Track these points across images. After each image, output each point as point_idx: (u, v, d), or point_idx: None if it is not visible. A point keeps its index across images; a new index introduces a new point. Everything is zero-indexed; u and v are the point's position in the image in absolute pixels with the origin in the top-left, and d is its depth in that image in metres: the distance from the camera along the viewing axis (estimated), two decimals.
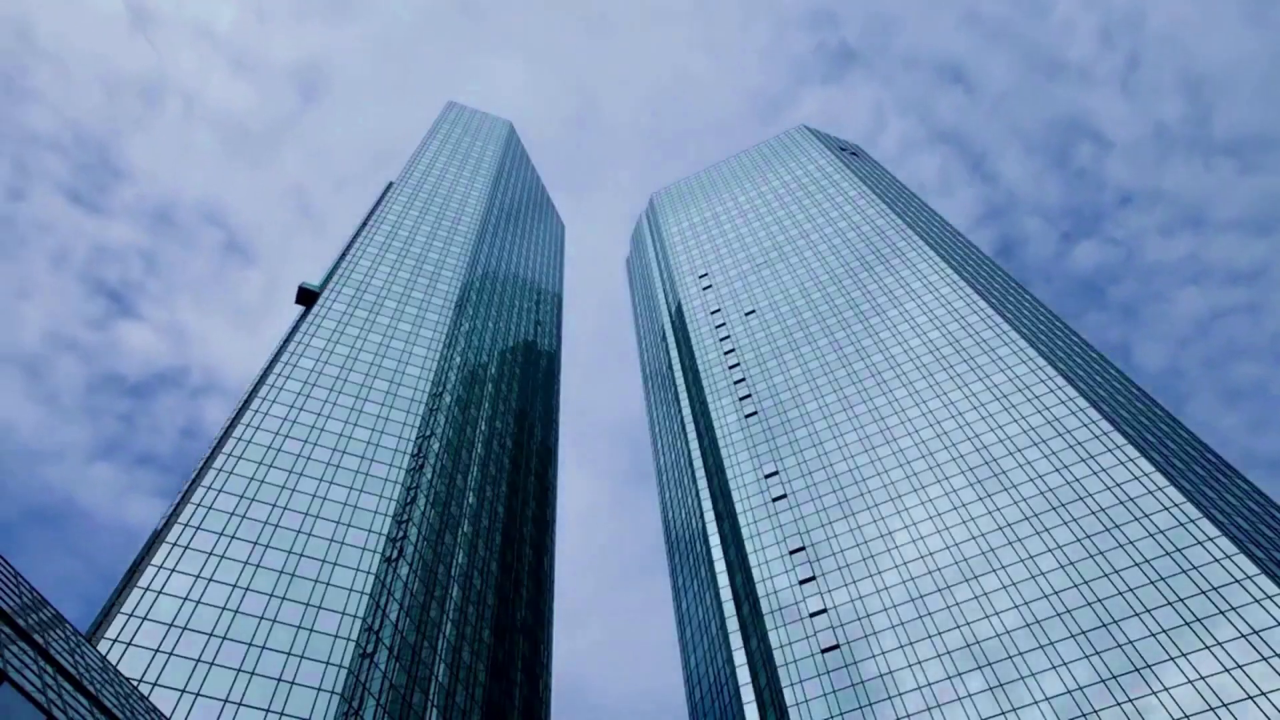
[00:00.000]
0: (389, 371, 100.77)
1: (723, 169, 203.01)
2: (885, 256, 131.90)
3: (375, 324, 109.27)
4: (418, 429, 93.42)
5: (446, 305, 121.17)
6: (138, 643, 59.81)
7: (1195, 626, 64.81)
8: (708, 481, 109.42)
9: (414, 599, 77.68)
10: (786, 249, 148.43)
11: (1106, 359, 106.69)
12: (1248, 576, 66.12)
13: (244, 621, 64.75)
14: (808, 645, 78.59)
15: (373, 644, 68.26)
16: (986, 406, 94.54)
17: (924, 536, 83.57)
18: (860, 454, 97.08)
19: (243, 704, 58.85)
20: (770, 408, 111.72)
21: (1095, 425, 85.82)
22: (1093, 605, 69.91)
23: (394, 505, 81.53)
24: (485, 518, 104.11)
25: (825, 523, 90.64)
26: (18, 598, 31.48)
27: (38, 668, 26.69)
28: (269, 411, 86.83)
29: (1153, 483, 77.07)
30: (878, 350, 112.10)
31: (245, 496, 75.89)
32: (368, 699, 64.25)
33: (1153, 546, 71.90)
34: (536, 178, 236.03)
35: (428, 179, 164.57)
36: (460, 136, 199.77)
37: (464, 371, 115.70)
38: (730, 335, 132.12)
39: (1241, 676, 60.27)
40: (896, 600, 78.85)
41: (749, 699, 78.69)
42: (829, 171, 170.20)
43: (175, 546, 68.55)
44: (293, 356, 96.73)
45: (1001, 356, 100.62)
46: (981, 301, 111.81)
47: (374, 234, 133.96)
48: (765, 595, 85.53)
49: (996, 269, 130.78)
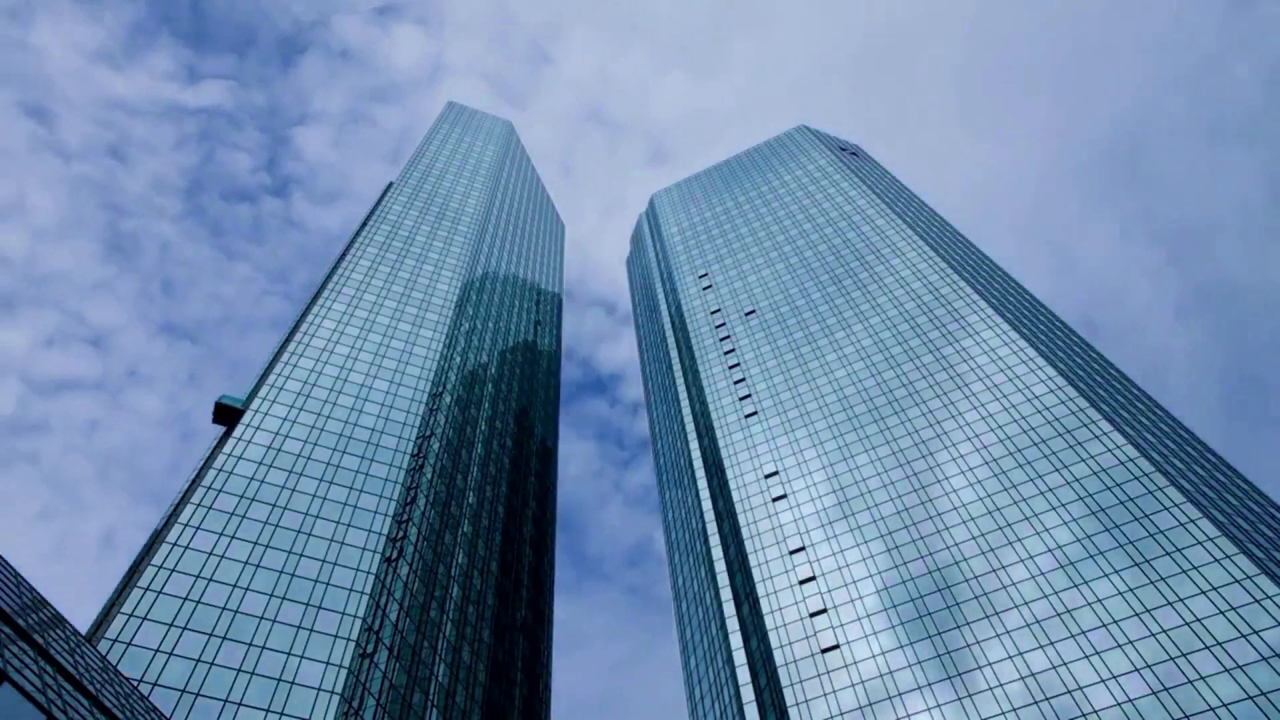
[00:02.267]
0: (389, 371, 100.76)
1: (723, 169, 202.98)
2: (885, 256, 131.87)
3: (375, 324, 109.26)
4: (418, 429, 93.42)
5: (446, 305, 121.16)
6: (138, 643, 59.81)
7: (1195, 626, 64.82)
8: (708, 481, 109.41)
9: (414, 599, 77.67)
10: (786, 249, 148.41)
11: (1097, 351, 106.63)
12: (1247, 576, 66.14)
13: (244, 621, 64.75)
14: (808, 645, 78.58)
15: (373, 644, 68.26)
16: (986, 406, 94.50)
17: (924, 536, 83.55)
18: (860, 454, 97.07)
19: (243, 704, 58.86)
20: (770, 408, 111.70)
21: (1095, 425, 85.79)
22: (1092, 605, 69.90)
23: (394, 505, 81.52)
24: (485, 518, 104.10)
25: (825, 523, 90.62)
26: (18, 598, 31.47)
27: (38, 668, 26.69)
28: (269, 411, 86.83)
29: (1153, 482, 77.06)
30: (878, 350, 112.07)
31: (245, 496, 75.89)
32: (368, 699, 64.25)
33: (1153, 546, 71.90)
34: (536, 177, 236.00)
35: (428, 179, 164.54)
36: (460, 136, 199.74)
37: (464, 371, 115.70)
38: (730, 335, 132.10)
39: (1241, 676, 60.29)
40: (896, 600, 78.84)
41: (749, 699, 78.68)
42: (829, 171, 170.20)
43: (175, 546, 68.55)
44: (293, 356, 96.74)
45: (1002, 357, 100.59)
46: (984, 304, 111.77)
47: (374, 234, 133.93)
48: (765, 595, 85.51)
49: (996, 268, 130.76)
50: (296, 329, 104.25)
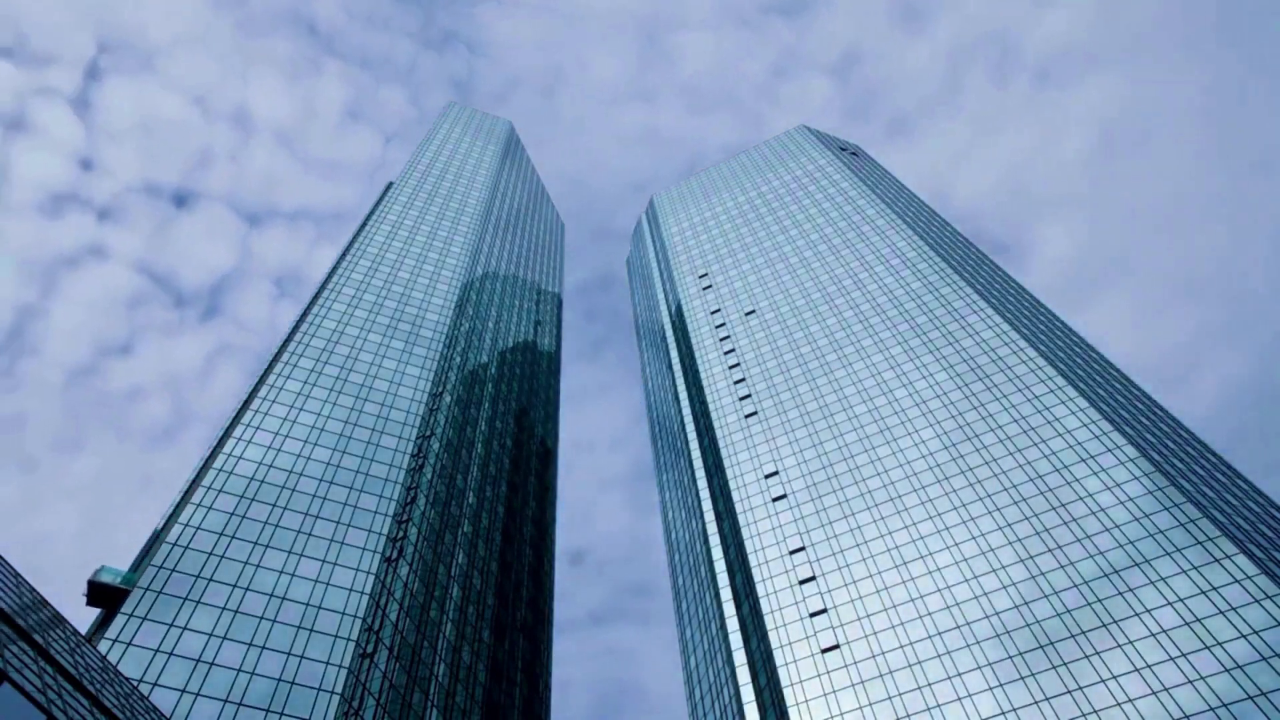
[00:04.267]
0: (389, 371, 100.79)
1: (723, 169, 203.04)
2: (885, 257, 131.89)
3: (375, 323, 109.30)
4: (418, 429, 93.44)
5: (446, 305, 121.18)
6: (138, 643, 59.83)
7: (1195, 626, 64.82)
8: (708, 481, 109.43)
9: (414, 599, 77.69)
10: (786, 249, 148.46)
11: (1097, 351, 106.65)
12: (1248, 576, 66.15)
13: (244, 621, 64.77)
14: (808, 645, 78.59)
15: (373, 644, 68.28)
16: (986, 407, 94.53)
17: (924, 536, 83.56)
18: (860, 454, 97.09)
19: (243, 704, 58.88)
20: (770, 408, 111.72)
21: (1095, 425, 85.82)
22: (1092, 605, 69.90)
23: (394, 505, 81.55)
24: (485, 518, 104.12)
25: (825, 523, 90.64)
26: (18, 598, 31.49)
27: (38, 668, 26.71)
28: (269, 411, 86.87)
29: (1152, 482, 77.08)
30: (878, 351, 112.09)
31: (245, 496, 75.93)
32: (368, 699, 64.27)
33: (1152, 546, 71.90)
34: (536, 177, 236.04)
35: (428, 179, 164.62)
36: (460, 136, 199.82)
37: (464, 371, 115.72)
38: (730, 335, 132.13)
39: (1241, 676, 60.30)
40: (896, 600, 78.84)
41: (749, 699, 78.70)
42: (829, 171, 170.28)
43: (175, 546, 68.58)
44: (293, 356, 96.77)
45: (1002, 357, 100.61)
46: (981, 301, 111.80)
47: (374, 233, 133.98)
48: (765, 595, 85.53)
49: (996, 268, 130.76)
50: (297, 328, 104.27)
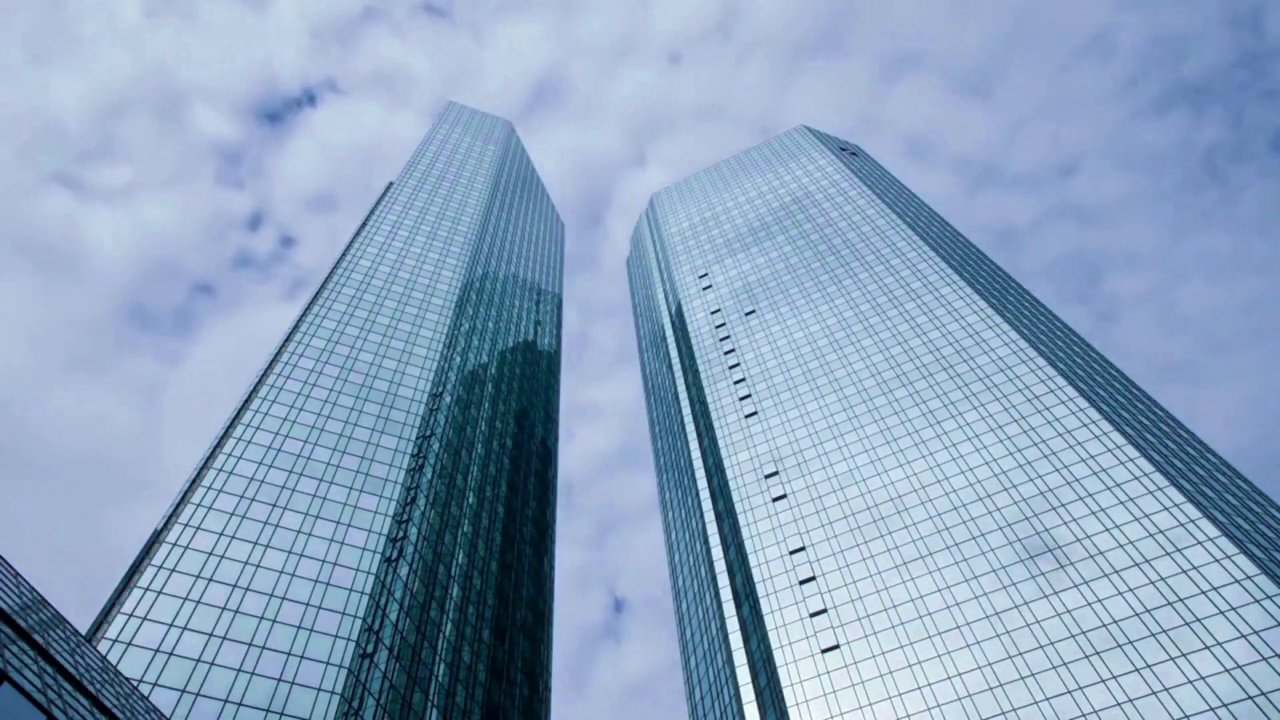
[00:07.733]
0: (389, 371, 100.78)
1: (723, 169, 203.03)
2: (885, 256, 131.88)
3: (375, 324, 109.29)
4: (418, 429, 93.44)
5: (446, 305, 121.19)
6: (138, 643, 59.83)
7: (1195, 626, 64.82)
8: (708, 481, 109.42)
9: (414, 599, 77.68)
10: (787, 249, 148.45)
11: (1097, 352, 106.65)
12: (1248, 576, 66.14)
13: (244, 621, 64.77)
14: (808, 645, 78.58)
15: (373, 644, 68.27)
16: (986, 406, 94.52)
17: (924, 536, 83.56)
18: (860, 454, 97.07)
19: (243, 704, 58.86)
20: (770, 408, 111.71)
21: (1095, 425, 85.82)
22: (1092, 605, 69.90)
23: (394, 505, 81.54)
24: (485, 518, 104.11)
25: (825, 523, 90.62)
26: (18, 598, 31.48)
27: (38, 668, 26.70)
28: (269, 411, 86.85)
29: (1152, 483, 77.08)
30: (878, 350, 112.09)
31: (245, 496, 75.91)
32: (368, 699, 64.26)
33: (1152, 546, 71.91)
34: (536, 177, 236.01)
35: (428, 179, 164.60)
36: (460, 136, 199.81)
37: (464, 371, 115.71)
38: (730, 335, 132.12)
39: (1241, 677, 60.29)
40: (896, 600, 78.83)
41: (749, 699, 78.69)
42: (829, 171, 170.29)
43: (175, 546, 68.56)
44: (293, 356, 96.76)
45: (1002, 358, 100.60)
46: (983, 303, 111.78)
47: (374, 234, 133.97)
48: (765, 595, 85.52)
49: (997, 269, 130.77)
50: (297, 328, 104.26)
